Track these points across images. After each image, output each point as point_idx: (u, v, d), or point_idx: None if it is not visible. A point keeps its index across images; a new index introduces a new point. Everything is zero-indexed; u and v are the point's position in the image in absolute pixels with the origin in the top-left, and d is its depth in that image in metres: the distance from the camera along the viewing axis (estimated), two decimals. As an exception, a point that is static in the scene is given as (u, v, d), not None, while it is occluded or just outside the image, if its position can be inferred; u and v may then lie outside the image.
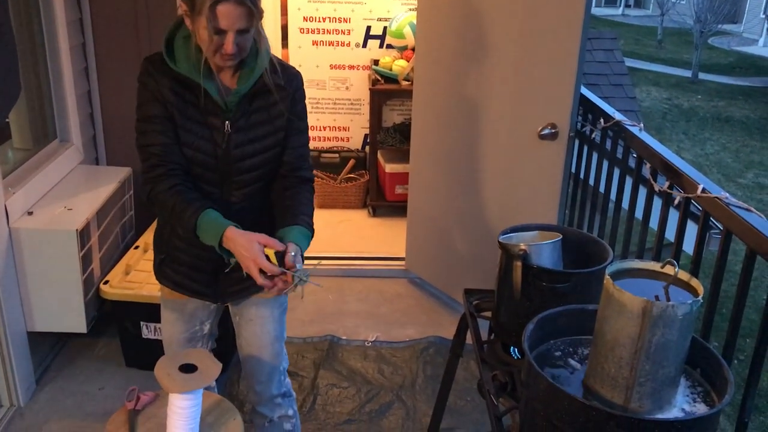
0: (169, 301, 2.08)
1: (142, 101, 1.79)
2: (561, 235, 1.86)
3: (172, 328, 2.10)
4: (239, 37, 1.68)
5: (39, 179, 2.88)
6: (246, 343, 2.10)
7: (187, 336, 2.10)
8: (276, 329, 2.09)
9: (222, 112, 1.80)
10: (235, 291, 2.02)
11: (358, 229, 4.40)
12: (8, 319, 2.61)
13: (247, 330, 2.08)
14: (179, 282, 2.01)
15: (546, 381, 1.34)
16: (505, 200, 3.10)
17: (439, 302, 3.65)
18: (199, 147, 1.81)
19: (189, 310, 2.08)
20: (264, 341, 2.08)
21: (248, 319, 2.07)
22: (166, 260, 2.01)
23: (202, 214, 1.73)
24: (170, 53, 1.76)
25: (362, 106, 4.68)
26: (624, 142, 2.57)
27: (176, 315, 2.08)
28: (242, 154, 1.83)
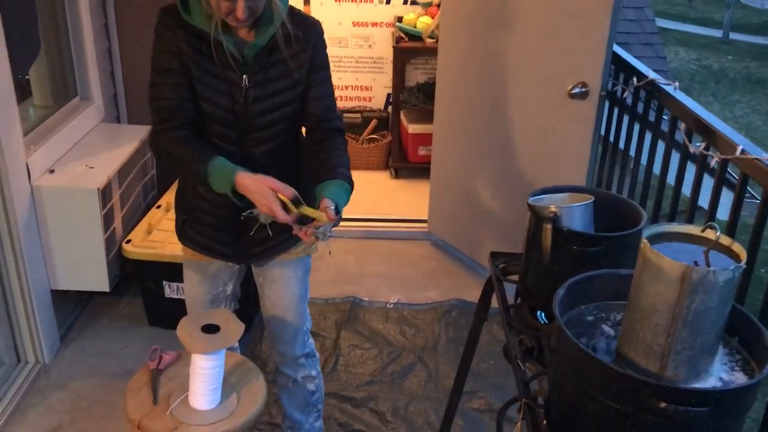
0: (192, 263, 2.05)
1: (156, 53, 1.75)
2: (593, 197, 1.80)
3: (194, 290, 2.08)
4: (250, 1, 1.63)
5: (60, 137, 2.86)
6: (270, 304, 2.08)
7: (210, 297, 2.08)
8: (300, 290, 2.07)
9: (239, 66, 1.74)
10: (258, 252, 1.99)
11: (380, 191, 4.35)
12: (32, 277, 2.61)
13: (270, 291, 2.06)
14: (202, 243, 1.98)
15: (577, 347, 1.29)
16: (533, 161, 3.03)
17: (461, 265, 3.61)
18: (217, 102, 1.76)
19: (212, 271, 2.05)
20: (288, 302, 2.05)
21: (272, 279, 2.04)
22: (188, 221, 1.98)
23: (212, 161, 1.69)
24: (185, 5, 1.71)
25: (385, 64, 4.59)
26: (658, 101, 2.48)
27: (199, 276, 2.06)
28: (261, 109, 1.78)
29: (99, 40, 3.21)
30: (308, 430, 2.23)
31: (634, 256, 1.79)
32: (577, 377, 1.31)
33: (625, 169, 2.83)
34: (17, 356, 2.72)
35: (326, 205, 1.68)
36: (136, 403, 1.83)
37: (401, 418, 2.60)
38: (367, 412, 2.62)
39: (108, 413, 2.55)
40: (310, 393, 2.20)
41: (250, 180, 1.67)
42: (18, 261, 2.56)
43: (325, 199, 1.70)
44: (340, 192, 1.74)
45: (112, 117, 3.36)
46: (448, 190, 3.59)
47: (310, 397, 2.20)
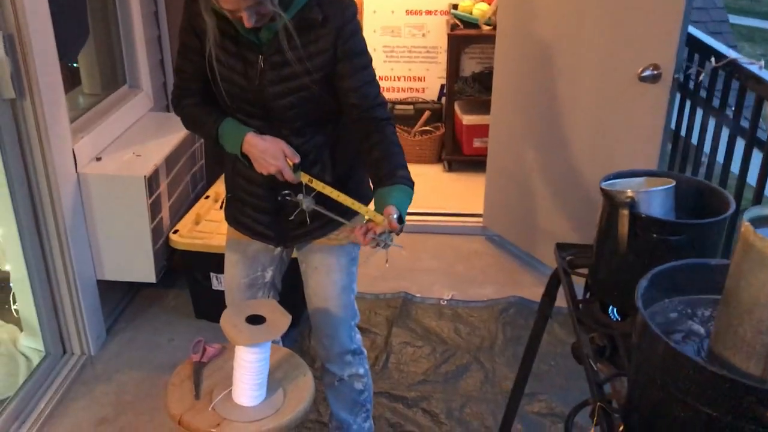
0: (233, 242, 2.00)
1: (181, 26, 1.79)
2: (674, 181, 1.63)
3: (233, 270, 2.01)
4: (254, 8, 1.55)
5: (107, 125, 2.81)
6: (312, 293, 1.97)
7: (248, 281, 2.00)
8: (343, 279, 1.95)
9: (257, 47, 1.68)
10: (299, 234, 1.90)
11: (433, 185, 4.21)
12: (78, 267, 2.56)
13: (312, 279, 1.96)
14: (242, 222, 1.93)
15: (665, 344, 1.13)
16: (598, 151, 2.85)
17: (518, 261, 3.45)
18: (233, 81, 1.72)
19: (251, 252, 1.98)
20: (330, 291, 1.94)
21: (314, 267, 1.95)
22: (231, 199, 1.95)
23: (224, 122, 1.74)
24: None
25: (439, 54, 4.44)
26: (739, 83, 2.28)
27: (238, 256, 1.99)
28: (277, 91, 1.70)
29: (148, 27, 3.16)
30: (357, 431, 2.11)
31: (719, 246, 1.62)
32: (663, 379, 1.15)
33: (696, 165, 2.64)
34: (63, 347, 2.67)
35: (391, 213, 1.59)
36: (177, 398, 1.74)
37: (456, 420, 2.46)
38: (419, 413, 2.49)
39: (153, 407, 2.48)
40: (358, 392, 2.07)
41: (259, 139, 1.70)
42: (64, 250, 2.51)
43: (391, 206, 1.60)
44: (402, 198, 1.64)
45: (161, 106, 3.31)
46: (505, 182, 3.42)
47: (358, 397, 2.08)
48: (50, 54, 2.38)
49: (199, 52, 1.75)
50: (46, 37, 2.36)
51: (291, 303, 1.99)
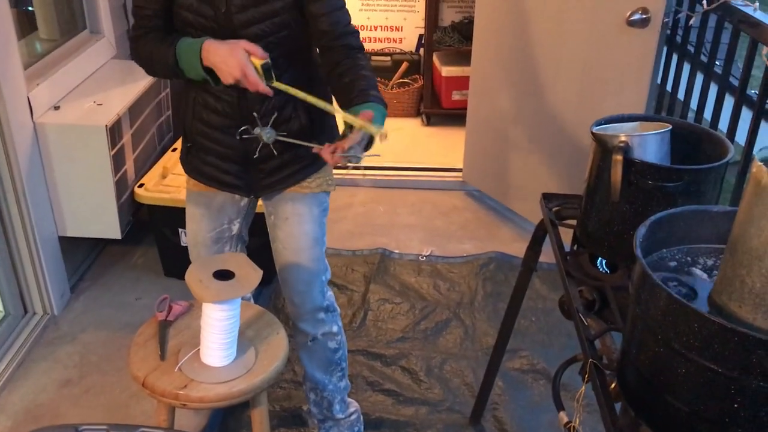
0: (195, 194, 1.87)
1: None
2: (670, 125, 1.53)
3: (197, 226, 1.89)
4: None
5: (66, 72, 2.64)
6: (281, 247, 1.86)
7: (214, 235, 1.89)
8: (314, 230, 1.84)
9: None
10: (269, 183, 1.79)
11: (411, 139, 4.08)
12: (37, 222, 2.42)
13: (282, 230, 1.84)
14: (207, 174, 1.80)
15: (667, 295, 1.05)
16: (584, 101, 2.74)
17: (499, 216, 3.36)
18: (198, 10, 1.59)
19: (216, 204, 1.86)
20: (301, 243, 1.83)
21: (284, 218, 1.83)
22: (192, 149, 1.80)
23: (179, 42, 1.59)
24: None
25: (417, 3, 4.27)
26: (732, 26, 2.18)
27: (202, 210, 1.87)
28: (246, 19, 1.58)
29: (109, -32, 2.96)
30: (332, 391, 2.02)
31: (715, 194, 1.54)
32: (664, 332, 1.07)
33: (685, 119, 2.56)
34: (24, 307, 2.54)
35: (369, 115, 1.49)
36: (141, 358, 1.64)
37: (435, 377, 2.39)
38: (398, 371, 2.41)
39: (120, 367, 2.37)
40: (332, 351, 1.98)
41: (218, 43, 1.54)
42: (21, 204, 2.36)
43: (367, 111, 1.50)
44: (377, 114, 1.53)
45: (124, 53, 3.12)
46: (486, 136, 3.31)
47: (333, 356, 1.99)
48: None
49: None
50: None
51: (264, 259, 1.89)
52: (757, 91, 2.08)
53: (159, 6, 1.64)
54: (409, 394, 2.33)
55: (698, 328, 1.01)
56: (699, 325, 1.01)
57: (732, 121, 2.21)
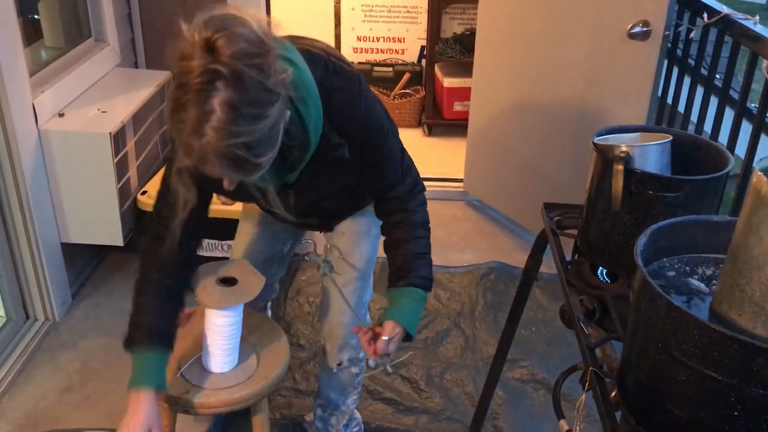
0: (253, 211, 1.81)
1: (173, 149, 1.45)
2: (670, 136, 1.55)
3: (252, 245, 1.82)
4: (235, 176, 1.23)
5: (71, 79, 2.66)
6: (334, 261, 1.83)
7: (267, 256, 1.86)
8: (369, 251, 1.85)
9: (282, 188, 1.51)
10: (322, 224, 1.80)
11: (413, 149, 3.96)
12: (40, 228, 2.43)
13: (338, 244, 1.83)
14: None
15: (667, 303, 1.05)
16: (585, 112, 2.76)
17: (500, 226, 3.37)
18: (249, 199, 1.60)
19: (276, 226, 1.82)
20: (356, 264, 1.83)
21: (340, 232, 1.81)
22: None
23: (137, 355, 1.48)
24: None
25: (419, 14, 4.30)
26: (732, 39, 2.19)
27: (261, 230, 1.83)
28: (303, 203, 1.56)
29: (114, -22, 2.99)
30: (344, 411, 2.00)
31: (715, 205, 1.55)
32: (664, 340, 1.08)
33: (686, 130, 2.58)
34: (25, 313, 2.55)
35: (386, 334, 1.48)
36: (143, 363, 1.64)
37: (436, 386, 2.39)
38: (398, 380, 2.42)
39: (121, 374, 2.34)
40: (354, 375, 1.94)
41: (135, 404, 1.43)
42: (25, 211, 2.37)
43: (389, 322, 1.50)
44: (412, 308, 1.54)
45: (129, 62, 3.15)
46: (487, 146, 3.33)
47: (353, 380, 1.95)
48: (7, 4, 2.22)
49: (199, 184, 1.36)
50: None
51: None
52: (757, 104, 2.10)
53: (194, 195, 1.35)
54: (409, 403, 2.33)
55: (698, 336, 1.02)
56: (699, 333, 1.02)
57: (732, 133, 2.22)
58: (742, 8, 8.18)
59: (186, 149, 1.16)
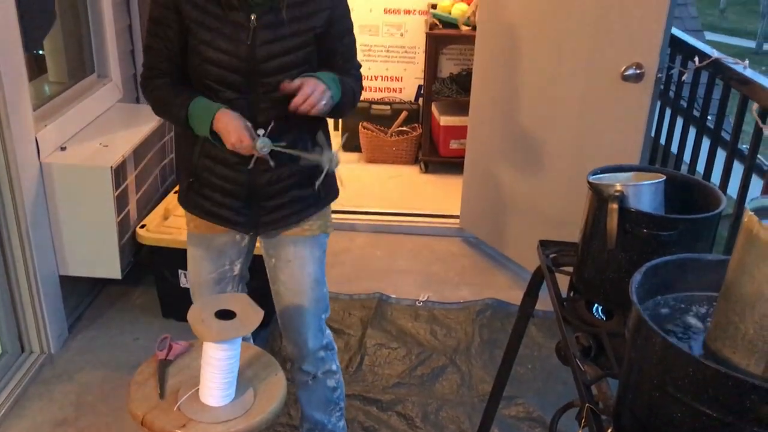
0: (196, 236, 1.89)
1: (153, 3, 1.72)
2: (664, 176, 1.58)
3: (198, 267, 1.91)
4: None
5: (74, 114, 2.70)
6: (284, 289, 1.88)
7: (216, 276, 1.91)
8: (316, 271, 1.88)
9: (248, 7, 1.60)
10: (271, 221, 1.82)
11: (409, 186, 4.14)
12: (39, 261, 2.44)
13: (284, 273, 1.87)
14: (209, 210, 1.82)
15: (662, 340, 1.07)
16: (580, 151, 2.80)
17: (495, 263, 3.39)
18: (218, 46, 1.63)
19: (217, 245, 1.88)
20: (304, 285, 1.86)
21: (286, 260, 1.86)
22: (194, 184, 1.82)
23: (193, 101, 1.64)
24: None
25: (417, 54, 4.38)
26: (723, 83, 2.25)
27: (203, 252, 1.89)
28: (270, 51, 1.64)
29: (119, 15, 3.05)
30: (332, 430, 2.02)
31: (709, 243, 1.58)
32: (659, 377, 1.09)
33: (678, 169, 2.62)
34: (21, 345, 2.54)
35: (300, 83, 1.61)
36: (140, 397, 1.64)
37: (432, 423, 2.39)
38: (394, 416, 2.41)
39: (116, 407, 2.36)
40: (331, 390, 1.99)
41: (228, 114, 1.62)
42: (24, 243, 2.39)
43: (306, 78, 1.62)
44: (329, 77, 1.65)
45: (131, 97, 3.20)
46: (483, 183, 3.37)
47: (332, 395, 2.00)
48: (13, 40, 2.27)
49: (173, 25, 1.65)
50: (10, 23, 2.25)
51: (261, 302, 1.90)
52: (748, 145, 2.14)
53: (172, 46, 1.67)
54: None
55: (693, 373, 1.03)
56: (694, 370, 1.03)
57: (724, 174, 2.26)
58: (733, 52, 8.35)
59: None
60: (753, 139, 2.05)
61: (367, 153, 4.37)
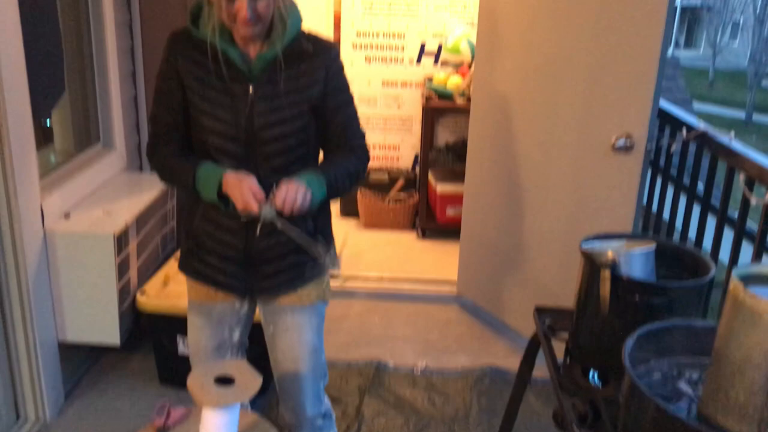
0: (196, 304, 1.92)
1: (159, 73, 1.76)
2: (654, 243, 1.63)
3: (199, 335, 1.93)
4: (254, 2, 1.58)
5: (78, 182, 2.75)
6: (282, 357, 1.90)
7: (215, 344, 1.93)
8: (314, 339, 1.90)
9: (246, 79, 1.68)
10: (268, 286, 1.84)
11: (407, 252, 4.18)
12: (39, 327, 2.45)
13: (282, 341, 1.89)
14: (206, 274, 1.85)
15: (655, 406, 1.10)
16: (573, 219, 2.86)
17: (492, 330, 3.40)
18: (218, 116, 1.69)
19: (217, 314, 1.90)
20: (301, 353, 1.88)
21: (283, 328, 1.88)
22: (193, 249, 1.85)
23: (201, 166, 1.69)
24: (196, 21, 1.69)
25: (413, 124, 4.50)
26: (711, 153, 2.32)
27: (203, 320, 1.91)
28: (267, 122, 1.70)
29: (125, 87, 3.15)
30: None
31: (700, 309, 1.61)
32: (654, 443, 1.11)
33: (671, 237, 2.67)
34: (16, 412, 2.52)
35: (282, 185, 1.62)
36: (138, 464, 1.63)
37: (430, 494, 2.35)
38: (392, 487, 2.38)
39: (109, 478, 2.33)
40: None
41: (236, 177, 1.65)
42: (25, 309, 2.40)
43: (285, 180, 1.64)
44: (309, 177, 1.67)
45: (134, 166, 3.27)
46: (479, 250, 3.41)
47: None
48: (24, 110, 2.35)
49: (177, 95, 1.72)
50: (21, 93, 2.33)
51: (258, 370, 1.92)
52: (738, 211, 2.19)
53: (177, 116, 1.74)
54: None
55: (686, 437, 1.06)
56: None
57: (715, 241, 2.31)
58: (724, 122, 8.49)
59: None
60: (741, 207, 2.11)
61: (365, 219, 4.43)
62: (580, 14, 2.65)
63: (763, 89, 21.97)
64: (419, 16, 4.34)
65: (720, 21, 22.96)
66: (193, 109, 1.72)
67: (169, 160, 1.75)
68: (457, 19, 4.32)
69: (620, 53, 2.53)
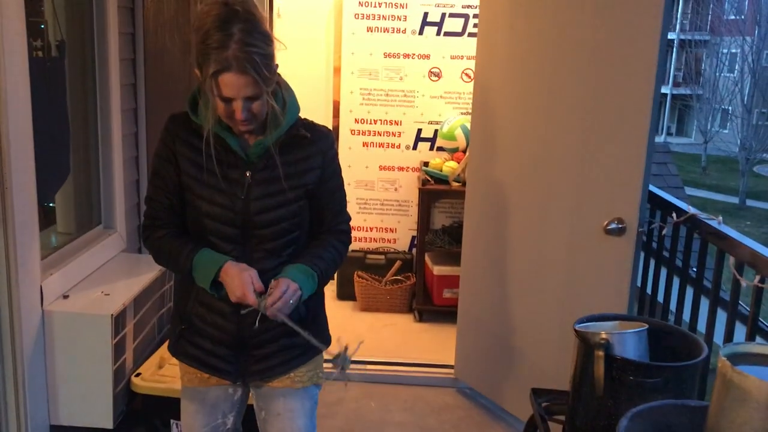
0: (189, 390, 1.91)
1: (156, 156, 1.79)
2: (646, 324, 1.65)
3: (192, 420, 1.91)
4: (249, 103, 1.62)
5: (78, 263, 2.79)
6: None
7: (209, 430, 1.90)
8: (307, 425, 1.88)
9: (243, 165, 1.72)
10: (259, 370, 1.84)
11: (404, 334, 4.17)
12: (31, 411, 2.43)
13: (274, 426, 1.88)
14: (198, 358, 1.84)
15: (650, 487, 1.10)
16: (568, 302, 2.88)
17: (490, 415, 3.35)
18: (214, 200, 1.73)
19: (210, 399, 1.89)
20: None
21: (275, 413, 1.87)
22: (185, 332, 1.86)
23: (198, 252, 1.71)
24: (195, 107, 1.73)
25: (410, 207, 4.58)
26: (700, 236, 2.37)
27: (197, 406, 1.90)
28: (263, 205, 1.73)
29: (128, 171, 3.23)
30: None
31: (694, 389, 1.62)
32: None
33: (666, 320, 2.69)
34: (4, 499, 2.46)
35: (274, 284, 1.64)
36: None
37: None
38: None
39: None
40: None
41: (234, 266, 1.68)
42: (18, 392, 2.39)
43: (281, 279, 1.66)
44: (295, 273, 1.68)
45: (134, 247, 3.31)
46: (477, 333, 3.41)
47: None
48: (29, 193, 2.41)
49: (173, 178, 1.75)
50: (28, 176, 2.39)
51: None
52: (730, 293, 2.22)
53: (172, 198, 1.76)
54: None
55: None
56: None
57: (709, 322, 2.32)
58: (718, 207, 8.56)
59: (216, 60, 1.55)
60: (732, 290, 2.14)
61: (362, 301, 4.44)
62: (570, 104, 2.76)
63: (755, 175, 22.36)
64: (415, 105, 4.49)
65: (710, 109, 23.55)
66: (189, 193, 1.75)
67: (165, 242, 1.76)
68: (452, 108, 4.47)
69: (610, 139, 2.62)
